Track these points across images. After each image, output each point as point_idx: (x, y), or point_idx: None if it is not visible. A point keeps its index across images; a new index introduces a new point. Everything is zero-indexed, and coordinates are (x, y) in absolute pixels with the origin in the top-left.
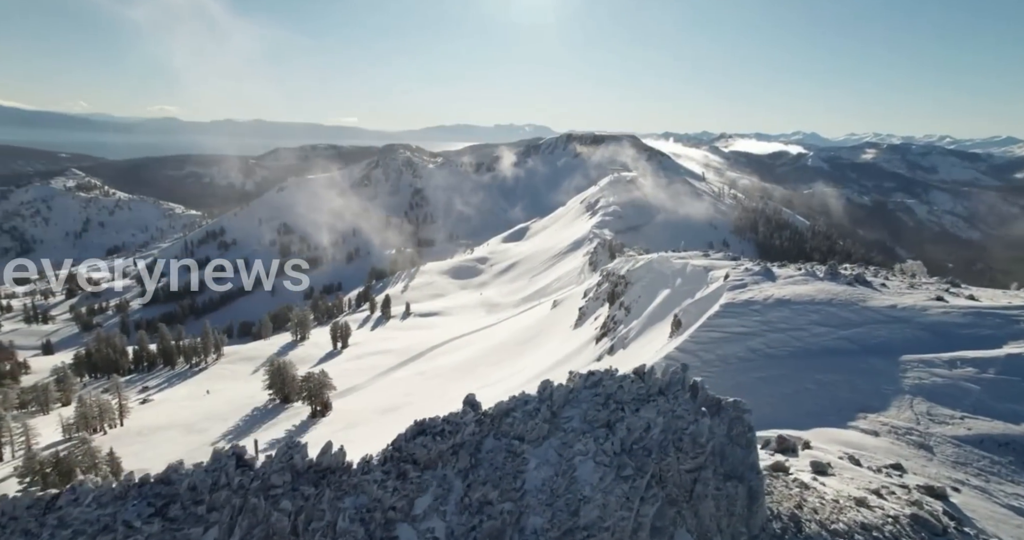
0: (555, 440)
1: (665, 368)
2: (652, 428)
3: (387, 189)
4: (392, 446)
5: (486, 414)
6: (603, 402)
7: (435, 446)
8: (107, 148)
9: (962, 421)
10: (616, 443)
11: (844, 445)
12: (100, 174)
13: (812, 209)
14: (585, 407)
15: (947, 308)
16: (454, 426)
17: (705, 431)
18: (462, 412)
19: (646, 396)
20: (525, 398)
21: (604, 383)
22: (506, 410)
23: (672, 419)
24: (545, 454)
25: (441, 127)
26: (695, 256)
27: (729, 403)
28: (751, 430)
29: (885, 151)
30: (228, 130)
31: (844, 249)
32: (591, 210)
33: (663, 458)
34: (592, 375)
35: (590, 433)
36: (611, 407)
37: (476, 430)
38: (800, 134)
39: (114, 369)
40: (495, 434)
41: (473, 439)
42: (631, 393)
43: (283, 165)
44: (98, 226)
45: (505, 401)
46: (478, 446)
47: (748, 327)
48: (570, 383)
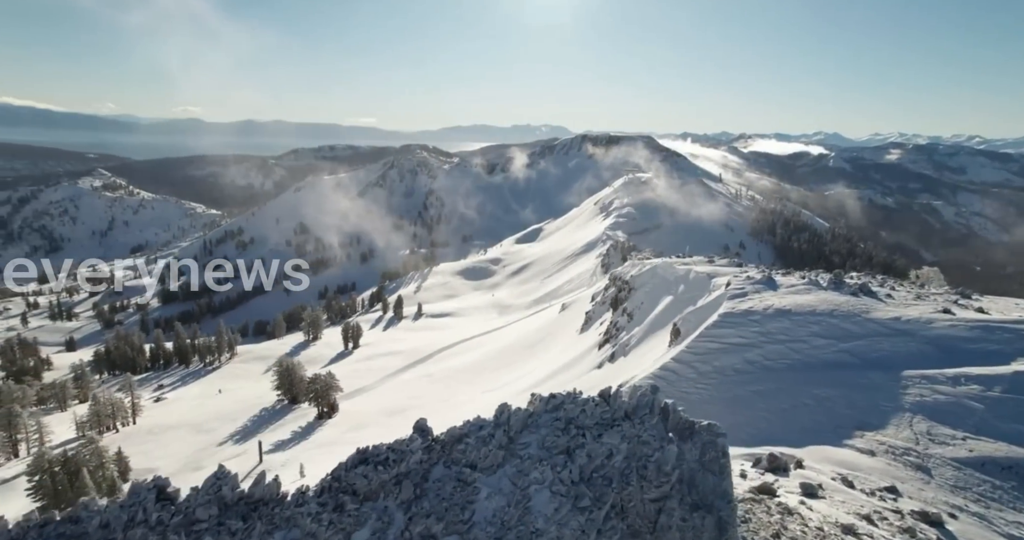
0: (510, 468)
1: (632, 391)
2: (615, 455)
3: (402, 190)
4: (331, 476)
5: (437, 440)
6: (563, 427)
7: (376, 476)
8: (133, 148)
9: (964, 442)
10: (575, 471)
11: (838, 465)
12: (125, 174)
13: (833, 211)
14: (544, 432)
15: (953, 321)
16: (399, 454)
17: (671, 458)
18: (409, 439)
19: (610, 421)
20: (480, 423)
21: (565, 407)
22: (459, 436)
23: (637, 445)
24: (498, 483)
25: (458, 127)
26: (699, 262)
27: (703, 426)
28: (725, 455)
29: (911, 151)
30: (249, 130)
31: (865, 252)
32: (605, 211)
33: (625, 487)
34: (553, 398)
35: (547, 460)
36: (572, 432)
37: (424, 458)
38: (822, 134)
39: (131, 367)
40: (445, 462)
41: (420, 468)
42: (594, 417)
43: (302, 165)
44: (123, 225)
45: (459, 426)
46: (425, 475)
47: (746, 338)
48: (530, 406)
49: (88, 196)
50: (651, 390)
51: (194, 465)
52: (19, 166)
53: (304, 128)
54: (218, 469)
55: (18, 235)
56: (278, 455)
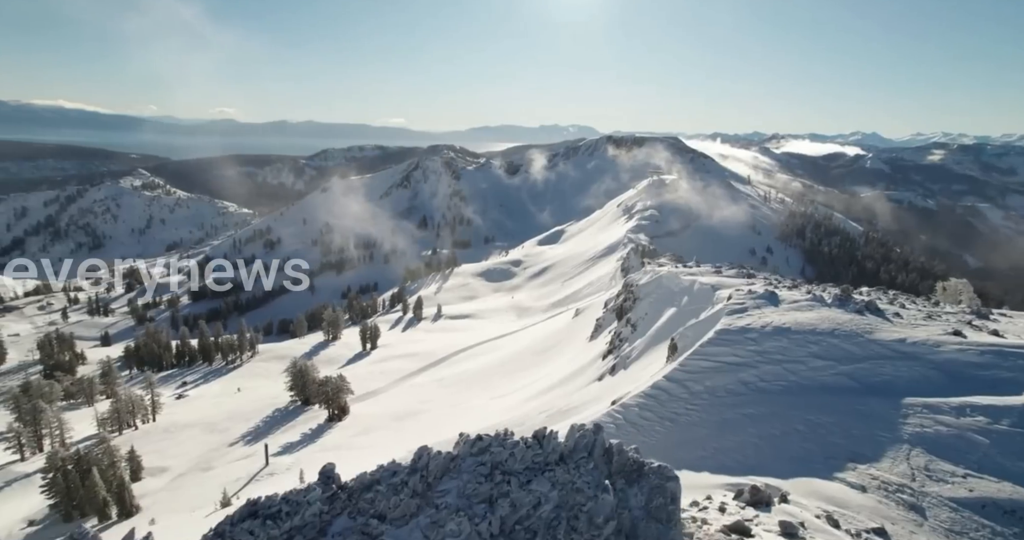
0: (424, 518)
1: (571, 431)
2: (543, 504)
3: (426, 190)
4: (214, 532)
5: (343, 487)
6: (488, 473)
7: (264, 532)
8: (171, 149)
9: (964, 480)
10: (495, 523)
11: (825, 501)
12: (163, 173)
13: (867, 214)
14: (466, 478)
15: (963, 345)
16: (294, 506)
17: (605, 509)
18: (307, 488)
19: (542, 465)
20: (394, 468)
21: (492, 450)
22: (368, 483)
23: (570, 493)
24: (408, 536)
25: (486, 127)
26: (706, 272)
27: (652, 469)
28: (674, 501)
29: (955, 152)
30: (281, 131)
31: (901, 257)
32: (628, 214)
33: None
34: (480, 440)
35: (466, 510)
36: (496, 479)
37: (325, 509)
38: (859, 134)
39: (158, 363)
40: (351, 512)
41: (317, 521)
42: (524, 462)
43: (331, 165)
44: (159, 223)
45: (369, 472)
46: (323, 529)
47: (741, 357)
48: (455, 449)
49: (128, 195)
50: (593, 430)
51: (203, 465)
52: (68, 166)
53: (335, 128)
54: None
55: (64, 232)
56: (284, 458)
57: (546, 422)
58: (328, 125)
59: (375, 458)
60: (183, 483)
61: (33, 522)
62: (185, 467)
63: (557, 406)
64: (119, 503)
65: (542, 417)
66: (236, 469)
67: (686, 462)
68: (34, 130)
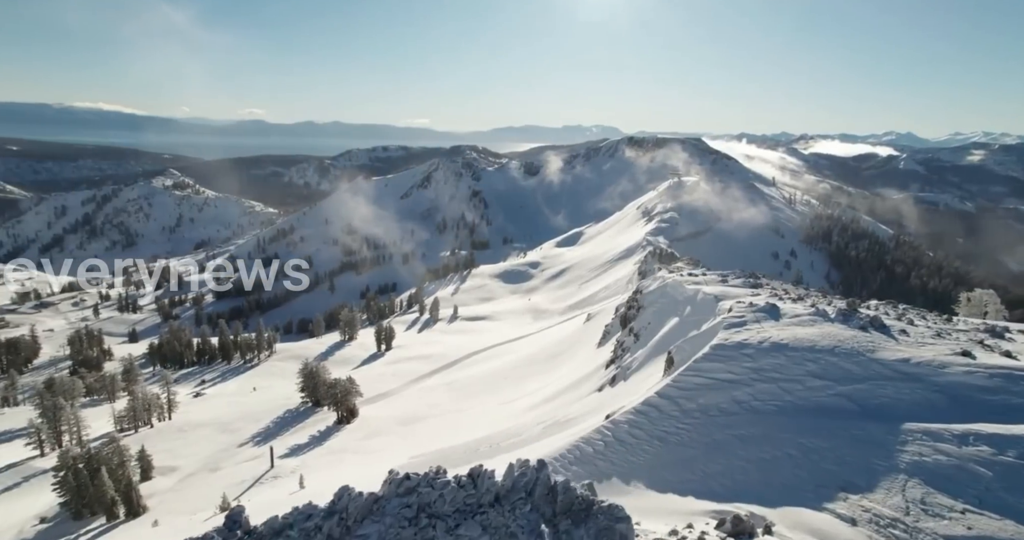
0: None
1: (510, 469)
2: None
3: (447, 191)
4: None
5: (251, 532)
6: (413, 516)
7: None
8: (202, 149)
9: (963, 516)
10: None
11: (811, 534)
12: (193, 173)
13: (898, 216)
14: (389, 522)
15: (972, 366)
16: None
17: None
18: (203, 538)
19: (474, 507)
20: (309, 511)
21: (420, 491)
22: (279, 528)
23: (503, 538)
24: None
25: (510, 128)
26: (711, 281)
27: (602, 508)
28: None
29: (996, 152)
30: (308, 131)
31: (933, 262)
32: (647, 216)
33: None
34: (407, 480)
35: None
36: (422, 523)
37: None
38: (892, 134)
39: (179, 361)
40: None
41: None
42: (454, 504)
43: (356, 165)
44: (189, 222)
45: (282, 515)
46: None
47: (736, 374)
48: (381, 489)
49: (160, 194)
50: (536, 467)
51: (212, 466)
52: (105, 166)
53: (360, 129)
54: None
55: (100, 231)
56: (290, 461)
57: (542, 434)
58: (354, 126)
59: (378, 463)
60: (190, 484)
61: (45, 519)
62: (194, 467)
63: (555, 417)
64: (127, 503)
65: (539, 428)
66: (242, 471)
67: (672, 485)
68: (76, 131)
